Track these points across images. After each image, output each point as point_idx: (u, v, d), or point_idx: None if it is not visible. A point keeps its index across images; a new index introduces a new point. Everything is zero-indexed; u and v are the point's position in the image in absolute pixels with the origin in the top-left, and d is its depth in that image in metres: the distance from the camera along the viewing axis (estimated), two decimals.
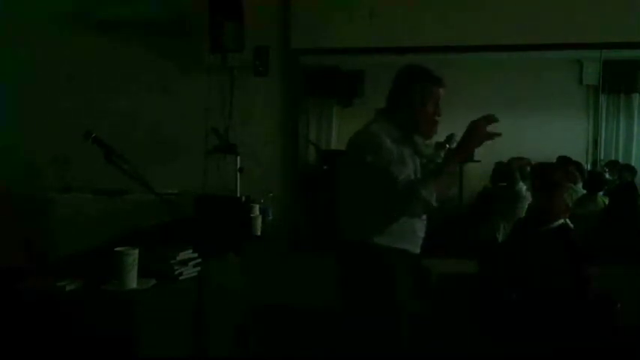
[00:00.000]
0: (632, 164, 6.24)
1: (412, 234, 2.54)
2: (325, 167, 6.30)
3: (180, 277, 2.42)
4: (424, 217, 2.59)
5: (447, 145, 2.70)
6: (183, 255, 2.46)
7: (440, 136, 3.45)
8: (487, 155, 6.02)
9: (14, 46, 5.11)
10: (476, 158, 6.36)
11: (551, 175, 3.52)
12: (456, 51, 5.17)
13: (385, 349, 2.43)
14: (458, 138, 2.52)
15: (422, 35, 4.88)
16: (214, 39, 4.79)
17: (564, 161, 5.85)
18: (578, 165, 5.66)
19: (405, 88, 2.49)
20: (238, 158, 4.22)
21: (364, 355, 2.48)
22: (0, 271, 2.33)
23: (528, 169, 4.34)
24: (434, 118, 2.50)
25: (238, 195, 4.09)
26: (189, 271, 2.45)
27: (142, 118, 5.13)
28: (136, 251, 2.21)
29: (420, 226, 2.59)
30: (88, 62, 5.16)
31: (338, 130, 6.91)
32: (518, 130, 6.44)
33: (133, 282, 2.21)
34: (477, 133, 2.41)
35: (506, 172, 5.26)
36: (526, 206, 4.49)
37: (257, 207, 3.79)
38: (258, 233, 3.67)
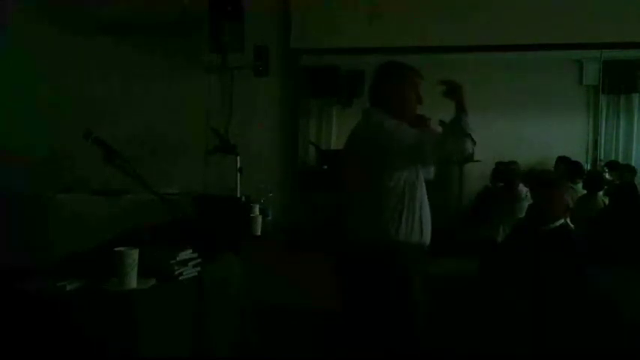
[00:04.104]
0: (632, 164, 6.24)
1: (426, 224, 2.57)
2: (325, 167, 6.30)
3: (180, 277, 2.41)
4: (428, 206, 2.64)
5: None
6: (183, 255, 2.45)
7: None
8: (487, 155, 6.04)
9: (14, 46, 5.11)
10: (476, 158, 6.39)
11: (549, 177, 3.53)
12: (456, 51, 5.18)
13: (398, 349, 2.43)
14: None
15: (422, 35, 4.88)
16: (214, 39, 4.79)
17: (563, 161, 5.85)
18: (577, 165, 5.66)
19: (387, 81, 2.66)
20: (238, 158, 4.21)
21: (371, 355, 2.48)
22: (0, 271, 2.33)
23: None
24: (416, 105, 2.67)
25: (238, 195, 4.08)
26: (189, 271, 2.45)
27: (142, 117, 5.13)
28: (136, 251, 2.21)
29: (429, 216, 2.63)
30: (88, 62, 5.16)
31: (338, 131, 6.91)
32: (519, 130, 6.46)
33: (133, 282, 2.20)
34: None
35: (505, 173, 5.27)
36: (525, 206, 4.50)
37: (257, 207, 3.79)
38: (258, 233, 3.66)
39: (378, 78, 2.70)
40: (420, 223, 2.54)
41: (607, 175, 5.53)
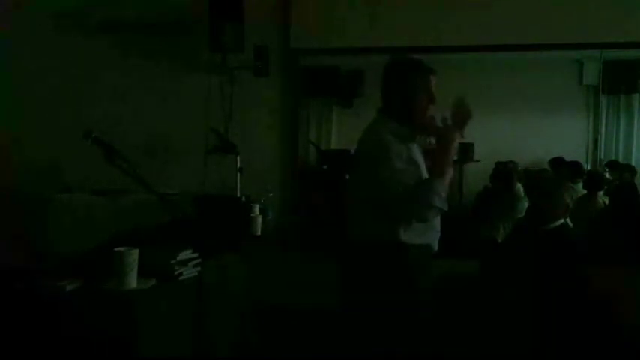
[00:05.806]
0: (632, 164, 6.25)
1: (432, 229, 2.54)
2: (325, 167, 6.31)
3: (180, 277, 2.41)
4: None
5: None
6: (183, 255, 2.45)
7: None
8: (487, 155, 6.05)
9: (14, 46, 5.11)
10: (476, 158, 6.39)
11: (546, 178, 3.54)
12: (456, 51, 5.18)
13: (398, 349, 2.42)
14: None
15: (422, 35, 4.88)
16: (214, 39, 4.79)
17: (563, 162, 5.85)
18: (575, 165, 5.66)
19: (397, 83, 2.47)
20: (238, 158, 4.21)
21: (372, 356, 2.48)
22: (0, 271, 2.33)
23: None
24: (428, 107, 2.47)
25: (238, 195, 4.08)
26: (189, 271, 2.45)
27: (142, 118, 5.13)
28: (136, 251, 2.21)
29: (437, 221, 2.57)
30: (88, 62, 5.16)
31: (338, 130, 6.92)
32: (518, 130, 6.46)
33: (133, 282, 2.21)
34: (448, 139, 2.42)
35: (503, 173, 5.27)
36: (525, 206, 4.50)
37: (257, 207, 3.78)
38: (258, 233, 3.66)
39: (388, 80, 2.50)
40: (425, 225, 2.51)
41: (607, 175, 5.53)
